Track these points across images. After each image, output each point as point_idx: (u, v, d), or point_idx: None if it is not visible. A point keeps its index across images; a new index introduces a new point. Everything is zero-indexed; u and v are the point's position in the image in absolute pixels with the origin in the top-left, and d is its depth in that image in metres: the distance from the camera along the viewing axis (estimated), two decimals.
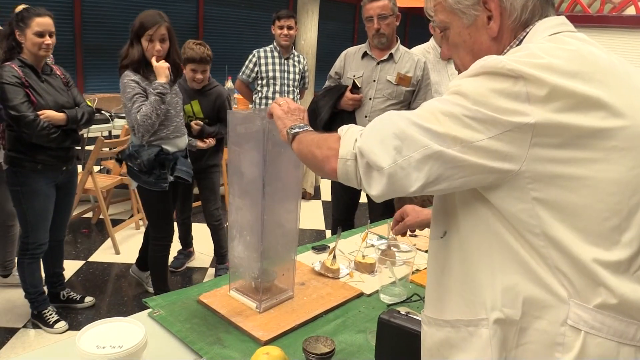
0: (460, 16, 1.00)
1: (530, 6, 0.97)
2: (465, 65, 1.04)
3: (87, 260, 3.83)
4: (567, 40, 0.92)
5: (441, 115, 0.88)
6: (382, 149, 0.91)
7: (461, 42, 1.03)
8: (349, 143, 0.98)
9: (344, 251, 2.05)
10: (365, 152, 0.93)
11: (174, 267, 3.76)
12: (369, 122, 3.05)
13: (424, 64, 3.08)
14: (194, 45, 3.18)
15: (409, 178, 0.89)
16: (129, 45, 2.67)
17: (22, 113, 2.51)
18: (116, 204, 4.84)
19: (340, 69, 3.18)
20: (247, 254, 1.63)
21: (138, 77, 2.65)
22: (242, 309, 1.59)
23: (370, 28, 2.99)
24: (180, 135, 2.87)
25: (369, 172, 0.93)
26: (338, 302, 1.67)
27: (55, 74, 2.77)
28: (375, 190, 0.93)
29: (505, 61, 0.85)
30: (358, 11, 12.83)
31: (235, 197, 1.62)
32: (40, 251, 2.82)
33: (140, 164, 2.69)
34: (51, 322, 2.88)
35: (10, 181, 2.70)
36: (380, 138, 0.92)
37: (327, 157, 1.02)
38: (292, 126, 1.23)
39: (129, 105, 2.64)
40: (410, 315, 1.34)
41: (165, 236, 3.00)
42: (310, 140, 1.13)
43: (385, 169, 0.90)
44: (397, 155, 0.89)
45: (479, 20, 0.99)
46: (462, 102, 0.87)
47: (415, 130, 0.89)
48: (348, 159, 0.97)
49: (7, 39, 2.59)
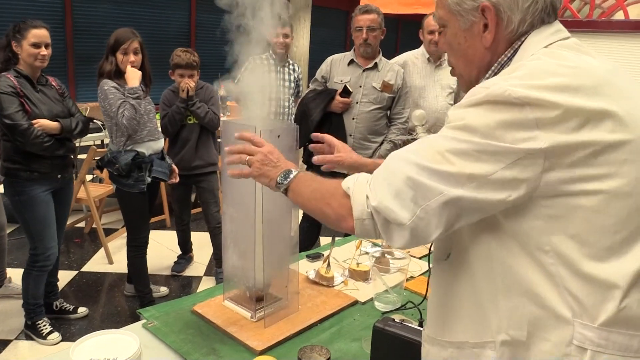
0: (458, 18, 0.99)
1: (528, 19, 0.95)
2: (458, 67, 1.05)
3: (80, 270, 3.81)
4: (565, 54, 0.91)
5: (450, 155, 0.86)
6: (398, 204, 0.89)
7: (456, 43, 1.02)
8: (360, 201, 0.94)
9: (338, 259, 2.06)
10: (382, 210, 0.90)
11: (176, 272, 3.86)
12: (356, 123, 3.06)
13: (403, 74, 3.35)
14: (181, 52, 3.37)
15: (429, 226, 0.88)
16: (104, 58, 2.89)
17: (16, 122, 2.56)
18: (109, 213, 4.82)
19: (326, 74, 3.35)
20: (241, 264, 1.62)
21: (115, 84, 2.85)
22: (236, 318, 1.58)
23: (359, 37, 3.20)
24: (154, 139, 3.05)
25: (388, 228, 0.91)
26: (333, 310, 1.67)
27: (50, 85, 2.84)
28: (399, 243, 0.92)
29: (509, 89, 0.83)
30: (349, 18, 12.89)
31: (229, 206, 1.62)
32: (49, 263, 2.85)
33: (118, 168, 2.88)
34: (44, 334, 2.86)
35: (8, 192, 2.75)
36: (393, 192, 0.89)
37: (341, 217, 0.99)
38: (277, 180, 1.17)
39: (113, 111, 2.80)
40: (405, 323, 1.34)
41: (142, 236, 3.15)
42: (311, 194, 1.09)
43: (407, 225, 0.88)
44: (414, 207, 0.88)
45: (475, 27, 0.97)
46: (470, 137, 0.85)
47: (426, 176, 0.87)
48: (364, 219, 0.94)
49: (3, 50, 2.66)
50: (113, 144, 2.95)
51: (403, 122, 3.36)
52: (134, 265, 3.21)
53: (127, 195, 2.98)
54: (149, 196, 3.11)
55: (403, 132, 3.36)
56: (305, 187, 1.13)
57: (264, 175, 1.22)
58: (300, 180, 1.15)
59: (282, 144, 1.52)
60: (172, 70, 3.39)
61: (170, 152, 3.48)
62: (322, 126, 3.22)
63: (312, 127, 3.18)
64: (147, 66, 2.97)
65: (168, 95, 3.48)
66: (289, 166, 1.21)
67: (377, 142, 3.32)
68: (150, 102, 3.05)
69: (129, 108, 2.78)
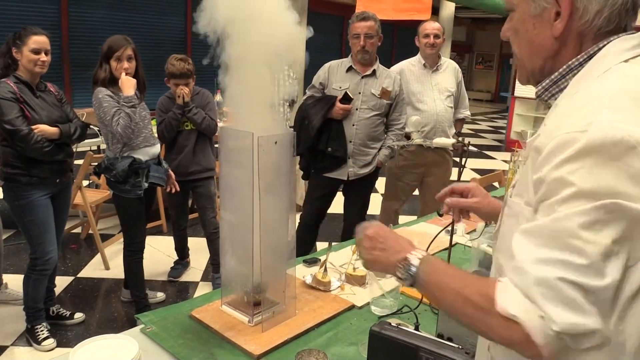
0: (529, 2, 0.92)
1: (606, 13, 0.86)
2: (522, 55, 0.98)
3: (76, 276, 3.81)
4: None
5: (584, 232, 0.75)
6: (580, 315, 0.75)
7: (523, 30, 0.95)
8: (537, 325, 0.77)
9: (334, 264, 2.07)
10: (568, 329, 0.76)
11: (173, 277, 3.87)
12: (356, 130, 3.08)
13: (400, 81, 3.40)
14: (175, 61, 3.37)
15: (611, 318, 0.78)
16: (98, 66, 2.91)
17: (16, 127, 2.59)
18: (105, 219, 4.82)
19: (324, 80, 3.36)
20: (239, 269, 1.64)
21: (109, 92, 2.86)
22: (234, 323, 1.60)
23: (356, 44, 3.23)
24: (150, 144, 3.07)
25: (580, 342, 0.78)
26: (330, 314, 1.68)
27: (49, 91, 2.88)
28: (594, 342, 0.78)
29: (617, 130, 0.74)
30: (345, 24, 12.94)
31: (227, 211, 1.63)
32: (48, 267, 2.88)
33: (115, 174, 2.91)
34: (40, 339, 2.87)
35: (7, 197, 2.77)
36: (565, 301, 0.76)
37: (515, 342, 0.81)
38: (399, 275, 1.01)
39: (107, 119, 2.82)
40: (401, 327, 1.35)
41: (138, 241, 3.17)
42: (453, 303, 0.91)
43: (598, 329, 0.76)
44: (594, 306, 0.76)
45: (546, 13, 0.90)
46: (594, 203, 0.74)
47: (580, 270, 0.75)
48: (552, 343, 0.78)
49: (3, 56, 2.70)
50: (109, 151, 2.97)
51: (400, 128, 3.40)
52: (130, 270, 3.22)
53: (124, 200, 3.00)
54: (145, 201, 3.13)
55: (400, 137, 3.40)
56: (439, 290, 0.95)
57: (377, 262, 1.08)
58: (429, 281, 0.97)
59: (279, 151, 1.54)
60: (167, 78, 3.41)
61: (168, 158, 3.49)
62: (322, 133, 3.25)
63: (313, 134, 3.22)
64: (140, 72, 2.99)
65: (164, 101, 3.50)
66: (402, 247, 1.04)
67: (376, 148, 3.35)
68: (145, 108, 3.07)
69: (123, 116, 2.80)
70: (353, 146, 3.27)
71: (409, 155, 3.79)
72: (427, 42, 3.66)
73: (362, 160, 3.32)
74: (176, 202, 3.74)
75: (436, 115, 3.67)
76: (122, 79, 2.85)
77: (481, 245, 2.05)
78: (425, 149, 3.71)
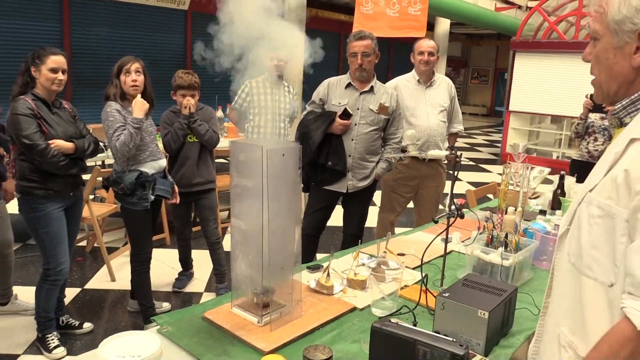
0: (613, 35, 1.05)
1: None
2: (600, 79, 1.13)
3: (83, 288, 3.91)
4: None
5: None
6: None
7: (604, 57, 1.08)
8: None
9: (337, 269, 2.18)
10: None
11: (177, 288, 3.98)
12: (355, 144, 3.22)
13: (396, 96, 3.51)
14: (183, 74, 3.54)
15: None
16: (110, 83, 3.07)
17: (34, 142, 2.71)
18: (110, 232, 4.92)
19: (324, 96, 3.47)
20: (249, 273, 1.75)
21: (119, 106, 3.01)
22: (244, 323, 1.71)
23: (354, 62, 3.34)
24: (156, 158, 3.20)
25: None
26: (333, 315, 1.80)
27: (64, 108, 3.00)
28: None
29: None
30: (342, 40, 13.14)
31: (237, 219, 1.75)
32: (61, 277, 2.98)
33: (123, 187, 3.03)
34: (51, 348, 2.96)
35: (23, 209, 2.87)
36: None
37: None
38: None
39: (110, 132, 2.96)
40: (400, 324, 1.47)
41: (145, 252, 3.27)
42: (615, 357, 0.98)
43: None
44: None
45: (627, 47, 1.04)
46: None
47: None
48: None
49: (22, 75, 2.82)
50: (117, 164, 3.09)
51: (397, 142, 3.52)
52: (137, 279, 3.32)
53: (131, 212, 3.11)
54: (152, 213, 3.24)
55: (397, 150, 3.52)
56: None
57: None
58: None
59: (286, 163, 1.67)
60: (174, 91, 3.54)
61: (171, 170, 3.61)
62: (322, 147, 3.36)
63: (314, 148, 3.32)
64: (149, 90, 3.12)
65: (169, 115, 3.63)
66: None
67: (374, 162, 3.47)
68: (152, 124, 3.20)
69: (126, 133, 2.93)
70: (352, 160, 3.38)
71: (404, 168, 3.91)
72: (422, 60, 3.79)
73: (361, 174, 3.43)
74: (180, 214, 3.85)
75: (429, 130, 3.79)
76: (136, 100, 3.00)
77: (475, 252, 2.17)
78: (420, 162, 3.83)
